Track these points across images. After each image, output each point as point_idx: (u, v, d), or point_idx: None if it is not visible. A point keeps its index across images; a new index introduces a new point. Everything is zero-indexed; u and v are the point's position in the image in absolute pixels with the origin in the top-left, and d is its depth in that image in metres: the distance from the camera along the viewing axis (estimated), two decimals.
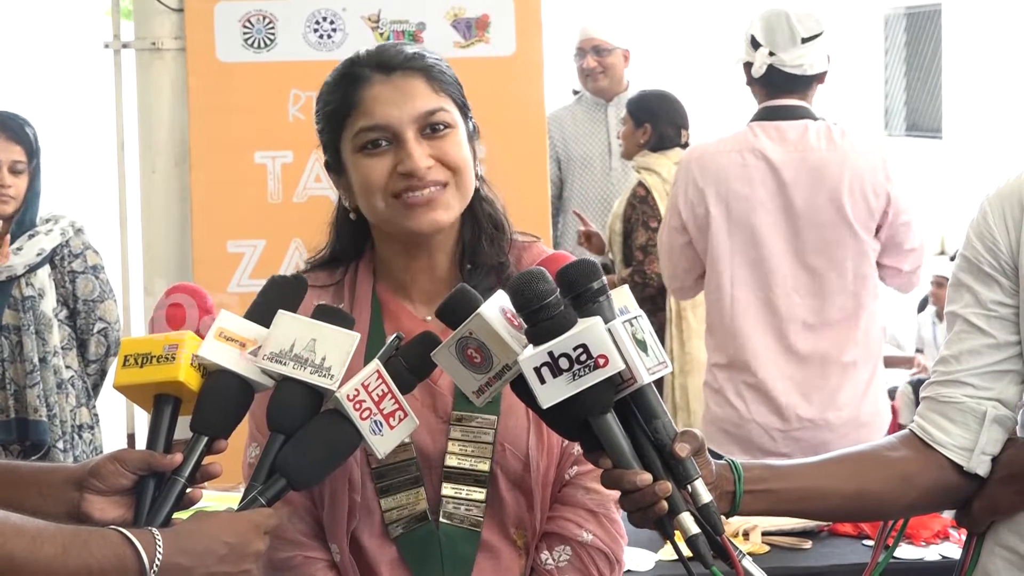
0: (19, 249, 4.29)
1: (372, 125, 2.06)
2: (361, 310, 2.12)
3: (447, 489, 2.07)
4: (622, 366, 1.77)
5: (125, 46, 4.68)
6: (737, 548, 1.81)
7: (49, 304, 4.30)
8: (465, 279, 2.09)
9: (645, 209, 5.26)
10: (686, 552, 1.82)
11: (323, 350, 1.86)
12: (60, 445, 4.27)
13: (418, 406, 2.05)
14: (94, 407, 4.48)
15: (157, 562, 1.70)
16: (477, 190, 2.13)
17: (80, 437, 4.38)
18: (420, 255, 2.13)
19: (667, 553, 3.31)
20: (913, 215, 3.98)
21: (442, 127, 2.07)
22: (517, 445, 2.08)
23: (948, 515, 3.33)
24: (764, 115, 4.00)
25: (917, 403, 7.61)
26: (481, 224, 2.14)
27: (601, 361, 1.75)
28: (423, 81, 2.08)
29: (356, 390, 1.85)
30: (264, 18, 4.54)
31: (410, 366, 1.90)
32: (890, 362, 7.87)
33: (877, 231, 3.95)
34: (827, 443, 3.89)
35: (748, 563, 1.81)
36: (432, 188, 2.05)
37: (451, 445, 2.07)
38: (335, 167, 2.14)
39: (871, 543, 3.38)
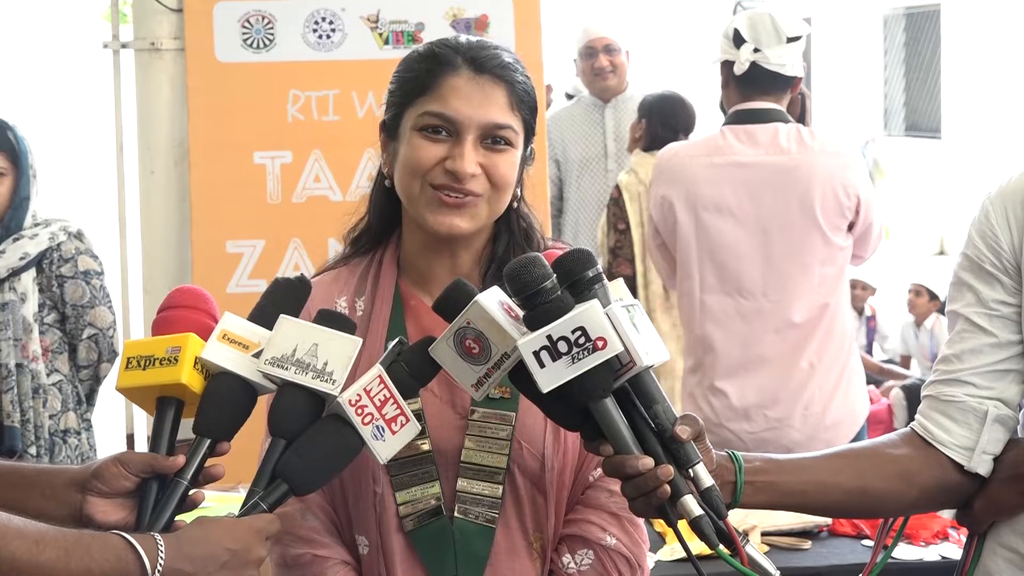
0: (1, 252, 4.19)
1: (440, 112, 2.04)
2: (383, 305, 2.12)
3: (463, 484, 2.06)
4: (620, 348, 1.77)
5: (124, 46, 4.68)
6: (740, 533, 1.81)
7: (30, 309, 4.19)
8: (488, 283, 2.08)
9: (615, 211, 5.21)
10: (694, 550, 1.82)
11: (325, 355, 1.85)
12: (32, 451, 4.19)
13: (436, 401, 2.06)
14: (85, 413, 4.36)
15: (159, 567, 1.70)
16: (517, 207, 2.14)
17: (65, 442, 4.29)
18: (443, 251, 2.12)
19: (667, 554, 3.32)
20: (878, 212, 4.01)
21: (503, 143, 2.07)
22: (534, 443, 2.07)
23: (947, 515, 3.33)
24: (736, 119, 4.00)
25: (909, 407, 7.59)
26: (516, 239, 2.14)
27: (600, 343, 1.75)
28: (505, 93, 2.08)
29: (358, 395, 1.84)
30: (263, 18, 4.54)
31: (412, 371, 1.90)
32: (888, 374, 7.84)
33: (850, 227, 3.96)
34: (796, 444, 3.91)
35: (751, 549, 1.81)
36: (467, 196, 2.04)
37: (468, 441, 2.06)
38: (391, 130, 2.12)
39: (870, 543, 3.38)
